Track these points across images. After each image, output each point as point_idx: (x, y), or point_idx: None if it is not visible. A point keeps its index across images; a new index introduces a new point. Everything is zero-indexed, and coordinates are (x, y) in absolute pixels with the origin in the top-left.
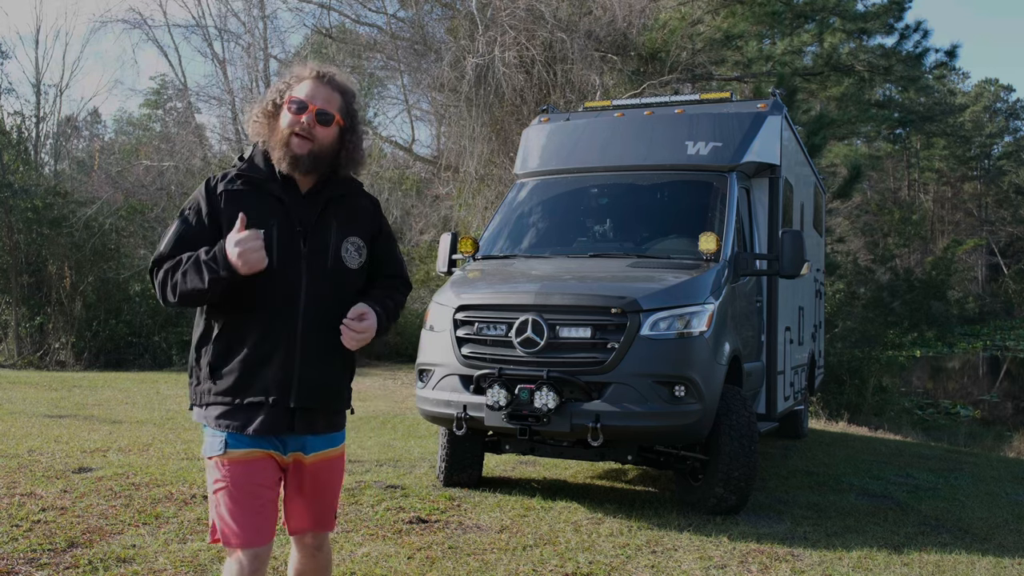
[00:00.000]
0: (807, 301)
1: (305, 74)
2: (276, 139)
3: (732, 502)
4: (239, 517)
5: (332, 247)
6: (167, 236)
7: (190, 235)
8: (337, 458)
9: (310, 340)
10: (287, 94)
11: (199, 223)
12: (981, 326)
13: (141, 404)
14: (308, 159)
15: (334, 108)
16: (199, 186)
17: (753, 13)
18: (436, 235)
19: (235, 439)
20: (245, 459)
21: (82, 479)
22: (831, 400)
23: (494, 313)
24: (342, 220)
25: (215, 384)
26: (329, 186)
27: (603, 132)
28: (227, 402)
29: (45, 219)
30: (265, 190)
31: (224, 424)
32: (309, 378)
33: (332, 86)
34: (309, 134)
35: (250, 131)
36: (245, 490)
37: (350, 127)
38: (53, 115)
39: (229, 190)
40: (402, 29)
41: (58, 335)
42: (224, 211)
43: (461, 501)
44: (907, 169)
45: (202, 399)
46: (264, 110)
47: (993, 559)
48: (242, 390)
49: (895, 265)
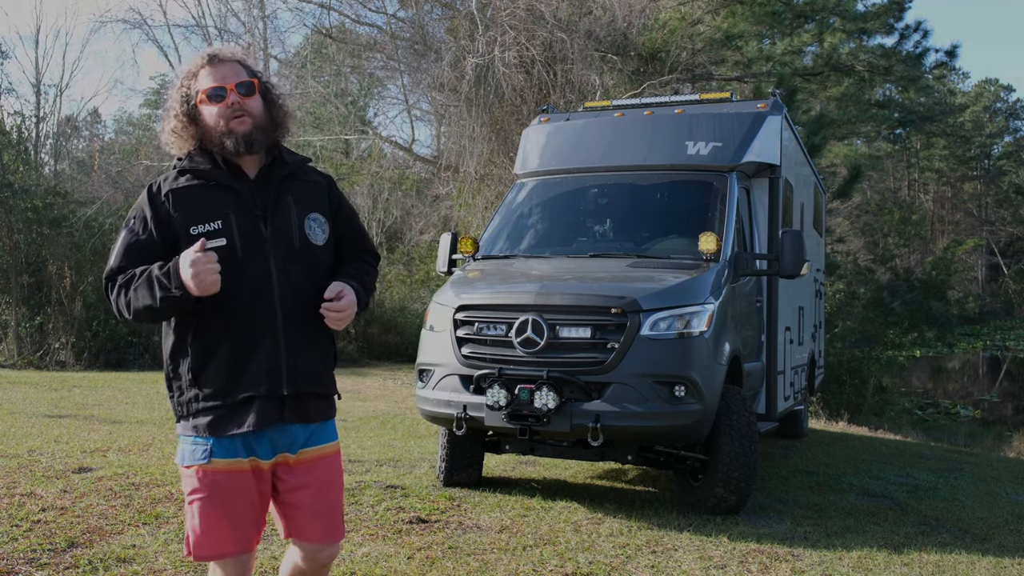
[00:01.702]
0: (807, 301)
1: (198, 66)
2: (212, 134)
3: (732, 502)
4: (223, 526)
5: (295, 225)
6: (115, 249)
7: (138, 245)
8: (333, 456)
9: (291, 324)
10: (196, 92)
11: (146, 231)
12: (981, 326)
13: (141, 404)
14: (256, 132)
15: (244, 76)
16: (141, 194)
17: (753, 13)
18: (436, 235)
19: (221, 447)
20: (229, 468)
21: (82, 479)
22: (831, 400)
23: (494, 313)
24: (299, 198)
25: (201, 390)
26: (277, 166)
27: (603, 132)
28: (216, 405)
29: (45, 219)
30: (214, 180)
31: (218, 431)
32: (297, 363)
33: (229, 61)
34: (242, 111)
35: (175, 147)
36: (229, 499)
37: (265, 86)
38: (53, 115)
39: (176, 188)
40: (402, 29)
41: (58, 335)
42: (175, 212)
43: (461, 501)
44: (907, 169)
45: (188, 408)
46: (180, 120)
47: (993, 559)
48: (232, 388)
49: (895, 265)
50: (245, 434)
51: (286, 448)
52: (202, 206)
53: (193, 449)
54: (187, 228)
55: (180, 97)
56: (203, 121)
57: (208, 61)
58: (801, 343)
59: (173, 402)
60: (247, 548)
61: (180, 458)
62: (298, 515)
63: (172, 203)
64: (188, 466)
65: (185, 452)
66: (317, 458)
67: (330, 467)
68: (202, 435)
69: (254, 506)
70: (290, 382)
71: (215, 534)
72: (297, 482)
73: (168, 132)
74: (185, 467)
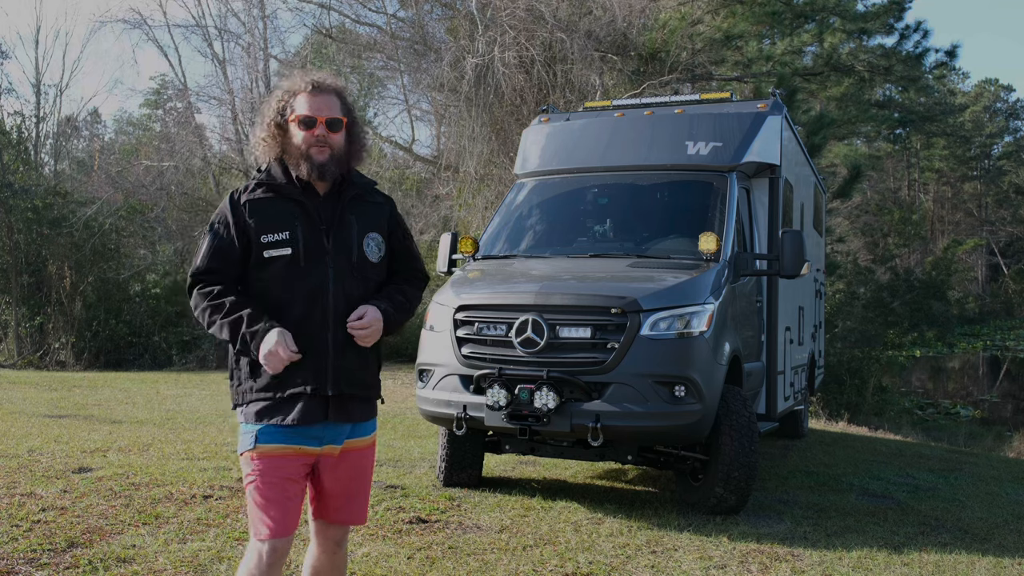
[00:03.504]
0: (807, 301)
1: (300, 87)
2: (293, 153)
3: (732, 502)
4: (265, 509)
5: (355, 242)
6: (201, 250)
7: (222, 249)
8: (369, 447)
9: (340, 331)
10: (291, 112)
11: (228, 235)
12: (981, 326)
13: (141, 404)
14: (331, 163)
15: (338, 112)
16: (223, 200)
17: (753, 13)
18: (436, 235)
19: (266, 435)
20: (273, 454)
21: (82, 479)
22: (831, 400)
23: (494, 313)
24: (360, 217)
25: (255, 382)
26: (346, 188)
27: (603, 132)
28: (268, 397)
29: (45, 219)
30: (286, 195)
31: (263, 418)
32: (343, 367)
33: (328, 91)
34: (325, 143)
35: (260, 153)
36: (271, 484)
37: (352, 121)
38: (53, 115)
39: (252, 199)
40: (402, 29)
41: (58, 335)
42: (250, 220)
43: (461, 501)
44: (907, 169)
45: (244, 398)
46: (270, 131)
47: (993, 559)
48: (282, 384)
49: (895, 265)
50: (291, 425)
51: (332, 440)
52: (273, 217)
53: (245, 437)
54: (259, 236)
55: (277, 109)
56: (290, 137)
57: (310, 88)
58: (801, 343)
59: (232, 390)
60: (281, 533)
61: (239, 446)
62: (329, 497)
63: (248, 212)
64: (242, 452)
65: (241, 440)
66: (357, 448)
67: (365, 456)
68: (251, 422)
69: (296, 492)
70: (335, 384)
71: (260, 515)
72: (335, 468)
73: (259, 139)
74: (241, 454)
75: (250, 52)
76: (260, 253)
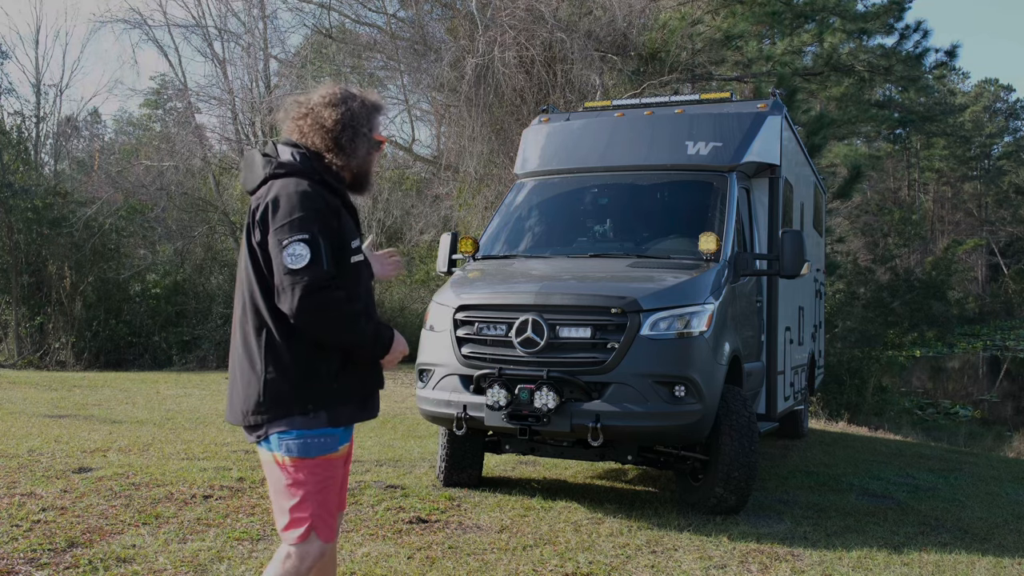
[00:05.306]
0: (807, 301)
1: (377, 111)
2: (361, 169)
3: (732, 502)
4: (332, 513)
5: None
6: (319, 254)
7: (331, 251)
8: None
9: None
10: (377, 131)
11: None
12: (981, 326)
13: (141, 404)
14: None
15: None
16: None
17: (753, 13)
18: (436, 235)
19: (347, 437)
20: (343, 455)
21: (82, 479)
22: (831, 400)
23: (494, 313)
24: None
25: (341, 385)
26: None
27: (603, 132)
28: (355, 399)
29: (45, 219)
30: (348, 204)
31: (353, 419)
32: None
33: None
34: None
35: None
36: (340, 485)
37: None
38: (53, 115)
39: (337, 207)
40: (402, 29)
41: (58, 335)
42: (339, 226)
43: (461, 501)
44: (907, 169)
45: (323, 401)
46: (369, 140)
47: (993, 559)
48: (367, 384)
49: (895, 265)
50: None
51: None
52: (350, 224)
53: (324, 441)
54: (348, 241)
55: (374, 123)
56: (366, 155)
57: (381, 113)
58: (801, 343)
59: (297, 392)
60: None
61: (303, 450)
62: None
63: (339, 220)
64: (316, 457)
65: (311, 444)
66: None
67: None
68: (337, 424)
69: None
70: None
71: (331, 519)
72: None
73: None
74: (312, 459)
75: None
76: (347, 258)
